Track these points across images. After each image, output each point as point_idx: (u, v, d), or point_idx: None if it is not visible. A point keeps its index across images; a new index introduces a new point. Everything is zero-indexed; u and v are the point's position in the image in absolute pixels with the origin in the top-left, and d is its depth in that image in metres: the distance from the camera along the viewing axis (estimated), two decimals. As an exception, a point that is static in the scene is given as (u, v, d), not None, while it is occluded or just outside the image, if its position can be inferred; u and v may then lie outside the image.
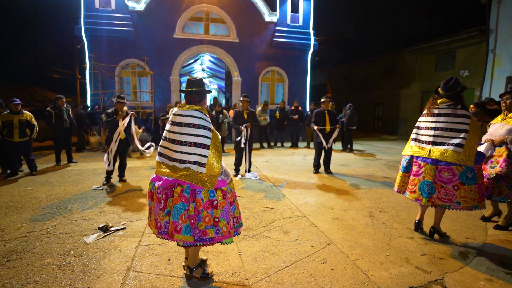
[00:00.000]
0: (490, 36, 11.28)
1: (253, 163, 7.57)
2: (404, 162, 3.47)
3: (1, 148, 6.39)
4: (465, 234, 3.53)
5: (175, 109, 2.53)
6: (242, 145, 6.30)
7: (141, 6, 12.04)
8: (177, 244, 2.41)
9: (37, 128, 6.67)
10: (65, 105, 7.78)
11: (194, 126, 2.40)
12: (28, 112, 6.59)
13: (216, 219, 2.36)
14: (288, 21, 13.86)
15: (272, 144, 11.81)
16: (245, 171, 6.59)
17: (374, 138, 16.23)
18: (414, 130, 3.51)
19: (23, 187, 5.51)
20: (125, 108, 5.94)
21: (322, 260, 2.92)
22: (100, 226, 3.68)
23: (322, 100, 6.85)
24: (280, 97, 14.43)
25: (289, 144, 11.98)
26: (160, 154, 2.55)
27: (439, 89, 3.33)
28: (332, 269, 2.76)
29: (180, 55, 12.88)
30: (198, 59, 16.48)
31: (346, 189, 5.56)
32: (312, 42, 13.98)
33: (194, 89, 2.53)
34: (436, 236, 3.44)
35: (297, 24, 14.01)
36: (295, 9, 13.89)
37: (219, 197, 2.39)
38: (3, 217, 4.02)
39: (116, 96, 5.92)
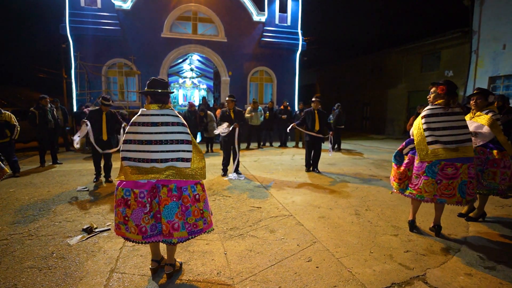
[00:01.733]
0: (473, 38, 11.55)
1: (241, 163, 7.57)
2: (434, 168, 3.17)
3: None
4: (448, 230, 3.60)
5: (144, 110, 2.49)
6: (222, 134, 6.24)
7: (127, 5, 11.90)
8: (170, 243, 2.42)
9: (18, 129, 6.48)
10: (49, 105, 7.63)
11: (173, 124, 2.44)
12: (7, 112, 6.39)
13: (201, 211, 2.49)
14: (277, 21, 13.91)
15: (262, 144, 11.82)
16: (233, 171, 6.58)
17: (362, 137, 16.43)
18: (428, 133, 3.20)
19: (5, 189, 5.37)
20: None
21: (307, 259, 2.93)
22: (84, 227, 3.62)
23: (313, 99, 6.95)
24: (268, 97, 14.46)
25: (278, 143, 12.02)
26: (127, 158, 2.43)
27: (453, 91, 3.33)
28: (317, 267, 2.78)
29: (168, 54, 12.78)
30: (186, 58, 16.38)
31: (333, 188, 5.61)
32: (301, 42, 14.06)
33: (166, 90, 2.54)
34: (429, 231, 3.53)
35: (285, 24, 14.07)
36: (283, 9, 13.94)
37: (200, 190, 2.52)
38: (-17, 220, 3.92)
39: (102, 97, 5.75)
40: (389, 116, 17.75)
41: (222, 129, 6.13)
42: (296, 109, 13.61)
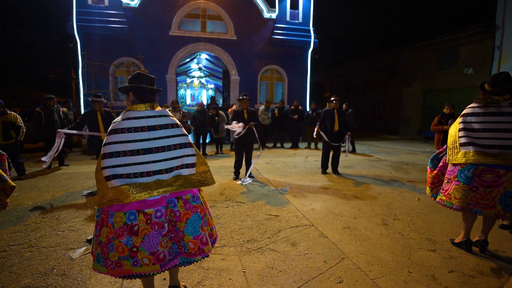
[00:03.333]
0: (496, 33, 10.99)
1: (253, 165, 7.22)
2: (467, 172, 2.83)
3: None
4: (493, 245, 3.19)
5: (131, 113, 2.02)
6: (236, 136, 5.98)
7: (135, 2, 11.65)
8: (192, 262, 2.07)
9: (24, 130, 6.27)
10: (55, 106, 7.41)
11: (172, 126, 2.09)
12: (13, 113, 6.17)
13: (210, 218, 2.23)
14: (288, 18, 13.53)
15: (271, 145, 11.50)
16: (246, 175, 6.24)
17: (374, 138, 15.94)
18: (464, 133, 2.88)
19: (8, 193, 5.12)
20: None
21: (338, 279, 2.58)
22: (89, 238, 3.33)
23: (332, 98, 6.60)
24: (279, 96, 14.09)
25: (289, 144, 11.65)
26: (118, 176, 1.90)
27: (489, 86, 2.90)
28: (350, 290, 2.42)
29: (176, 53, 12.50)
30: (194, 57, 16.11)
31: (354, 193, 5.22)
32: (312, 40, 13.65)
33: (154, 87, 2.18)
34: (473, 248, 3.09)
35: (297, 21, 13.68)
36: (294, 5, 13.55)
37: (203, 197, 2.23)
38: (-18, 228, 3.66)
39: (92, 95, 5.61)
40: (403, 116, 17.20)
41: (237, 129, 5.81)
42: (308, 109, 13.23)
